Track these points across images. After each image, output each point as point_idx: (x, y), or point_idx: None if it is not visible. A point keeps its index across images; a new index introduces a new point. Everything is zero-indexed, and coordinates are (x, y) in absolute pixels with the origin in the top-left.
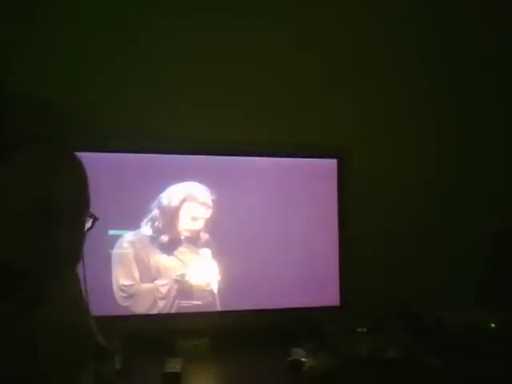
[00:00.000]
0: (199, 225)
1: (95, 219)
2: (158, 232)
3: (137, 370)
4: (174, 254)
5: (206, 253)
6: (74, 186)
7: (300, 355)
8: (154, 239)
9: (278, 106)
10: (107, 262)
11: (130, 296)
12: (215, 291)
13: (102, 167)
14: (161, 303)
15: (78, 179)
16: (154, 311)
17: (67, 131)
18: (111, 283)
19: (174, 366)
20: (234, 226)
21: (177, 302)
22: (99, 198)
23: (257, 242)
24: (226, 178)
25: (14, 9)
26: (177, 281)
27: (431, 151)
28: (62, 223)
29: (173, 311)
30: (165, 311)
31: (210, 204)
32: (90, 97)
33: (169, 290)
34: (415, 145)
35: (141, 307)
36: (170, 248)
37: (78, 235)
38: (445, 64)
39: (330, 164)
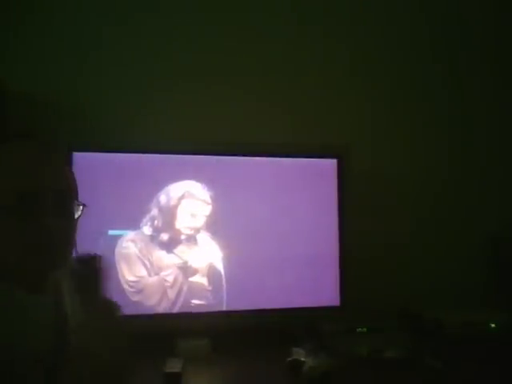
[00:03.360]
0: (199, 222)
1: (83, 206)
2: (157, 231)
3: (137, 370)
4: (174, 253)
5: (204, 237)
6: (56, 177)
7: (300, 355)
8: (154, 238)
9: (278, 105)
10: (108, 261)
11: (140, 291)
12: (221, 270)
13: (101, 167)
14: (170, 292)
15: (62, 170)
16: (165, 301)
17: (67, 131)
18: (111, 283)
19: (174, 365)
20: (234, 226)
21: (185, 288)
22: (99, 198)
23: (257, 243)
24: (226, 178)
25: (14, 9)
26: (181, 267)
27: (431, 151)
28: (49, 213)
29: (182, 298)
30: (173, 300)
31: (209, 200)
32: (89, 97)
33: (175, 278)
34: (415, 145)
35: (152, 300)
36: (170, 246)
37: (68, 222)
38: (446, 64)
39: (330, 164)
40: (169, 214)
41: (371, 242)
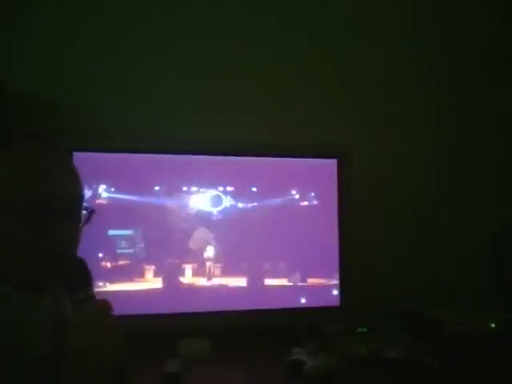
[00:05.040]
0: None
1: (92, 212)
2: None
3: (137, 370)
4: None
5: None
6: (70, 183)
7: (300, 355)
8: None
9: (278, 105)
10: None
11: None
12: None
13: (101, 167)
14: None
15: (73, 176)
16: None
17: (67, 131)
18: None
19: (174, 366)
20: (233, 226)
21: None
22: (99, 197)
23: (256, 243)
24: (226, 177)
25: (14, 9)
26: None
27: (431, 151)
28: (60, 221)
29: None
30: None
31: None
32: (90, 97)
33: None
34: (415, 145)
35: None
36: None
37: (76, 230)
38: (446, 64)
39: (330, 164)
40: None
41: (371, 241)
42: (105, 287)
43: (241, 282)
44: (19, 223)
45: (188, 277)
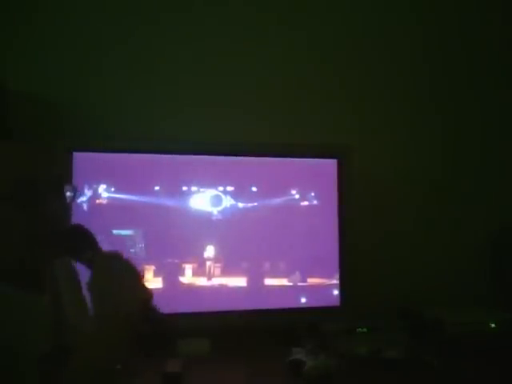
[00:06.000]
0: None
1: (76, 190)
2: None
3: (137, 370)
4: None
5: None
6: (53, 166)
7: (300, 355)
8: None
9: (278, 106)
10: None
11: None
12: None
13: (101, 167)
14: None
15: (55, 160)
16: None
17: (67, 131)
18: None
19: (174, 366)
20: (233, 226)
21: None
22: (99, 197)
23: (256, 243)
24: (226, 177)
25: (14, 8)
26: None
27: (431, 151)
28: (47, 200)
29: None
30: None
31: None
32: (90, 97)
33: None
34: (415, 145)
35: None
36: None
37: (66, 205)
38: (446, 64)
39: (330, 164)
40: None
41: (371, 242)
42: None
43: (241, 281)
44: (9, 206)
45: (188, 276)
